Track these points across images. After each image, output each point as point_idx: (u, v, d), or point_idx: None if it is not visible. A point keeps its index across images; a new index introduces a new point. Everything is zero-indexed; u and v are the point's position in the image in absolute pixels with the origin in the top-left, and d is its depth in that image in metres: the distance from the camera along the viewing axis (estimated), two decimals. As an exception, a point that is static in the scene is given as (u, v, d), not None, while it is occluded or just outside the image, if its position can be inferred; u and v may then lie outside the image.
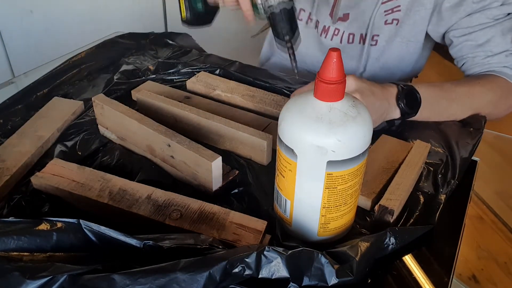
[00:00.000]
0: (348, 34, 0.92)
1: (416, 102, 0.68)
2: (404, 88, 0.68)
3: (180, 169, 0.59)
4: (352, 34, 0.91)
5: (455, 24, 0.79)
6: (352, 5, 0.89)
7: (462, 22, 0.78)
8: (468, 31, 0.77)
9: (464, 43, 0.79)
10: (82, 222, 0.44)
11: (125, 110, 0.63)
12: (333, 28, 0.93)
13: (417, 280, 0.48)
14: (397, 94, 0.67)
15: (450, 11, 0.79)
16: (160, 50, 0.97)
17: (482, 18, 0.76)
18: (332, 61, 0.42)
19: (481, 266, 1.35)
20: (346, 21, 0.91)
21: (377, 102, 0.63)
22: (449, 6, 0.78)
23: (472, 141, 0.68)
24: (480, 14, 0.76)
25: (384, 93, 0.67)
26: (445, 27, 0.81)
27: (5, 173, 0.57)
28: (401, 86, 0.68)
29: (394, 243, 0.49)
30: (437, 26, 0.83)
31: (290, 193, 0.48)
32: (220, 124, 0.64)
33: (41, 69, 0.87)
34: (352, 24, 0.90)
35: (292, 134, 0.45)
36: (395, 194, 0.54)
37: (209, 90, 0.79)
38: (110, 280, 0.39)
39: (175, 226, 0.49)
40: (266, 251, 0.43)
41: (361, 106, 0.45)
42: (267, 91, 0.80)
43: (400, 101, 0.67)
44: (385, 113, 0.67)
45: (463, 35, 0.78)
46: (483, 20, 0.76)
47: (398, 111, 0.68)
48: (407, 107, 0.67)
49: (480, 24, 0.76)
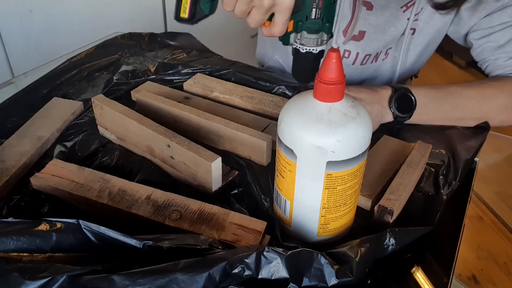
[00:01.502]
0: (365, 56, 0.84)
1: (410, 106, 0.66)
2: (397, 91, 0.66)
3: (179, 169, 0.59)
4: (368, 55, 0.84)
5: (475, 26, 0.76)
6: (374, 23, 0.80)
7: (481, 23, 0.74)
8: (488, 32, 0.74)
9: (485, 45, 0.75)
10: (82, 223, 0.44)
11: (124, 110, 0.63)
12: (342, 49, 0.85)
13: (416, 280, 0.48)
14: (390, 97, 0.66)
15: (470, 11, 0.75)
16: (160, 51, 0.97)
17: (503, 16, 0.72)
18: (331, 62, 0.42)
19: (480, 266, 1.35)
20: (360, 41, 0.82)
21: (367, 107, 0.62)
22: (469, 6, 0.74)
23: (476, 143, 0.67)
24: (500, 13, 0.72)
25: (374, 97, 0.65)
26: (466, 28, 0.77)
27: (5, 174, 0.57)
28: (395, 89, 0.66)
29: (394, 244, 0.49)
30: (457, 27, 0.79)
31: (289, 194, 0.48)
32: (219, 125, 0.64)
33: (41, 69, 0.87)
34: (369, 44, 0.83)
35: (292, 135, 0.45)
36: (395, 194, 0.54)
37: (206, 92, 0.79)
38: (109, 281, 0.39)
39: (175, 227, 0.49)
40: (266, 252, 0.43)
41: (360, 106, 0.45)
42: (267, 92, 0.80)
43: (392, 105, 0.66)
44: (378, 116, 0.66)
45: (483, 36, 0.75)
46: (504, 19, 0.72)
47: (391, 114, 0.66)
48: (399, 111, 0.66)
49: (501, 23, 0.72)
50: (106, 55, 0.93)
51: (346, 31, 0.81)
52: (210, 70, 0.87)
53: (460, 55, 2.65)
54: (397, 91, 0.66)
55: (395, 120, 0.67)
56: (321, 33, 0.54)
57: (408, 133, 0.70)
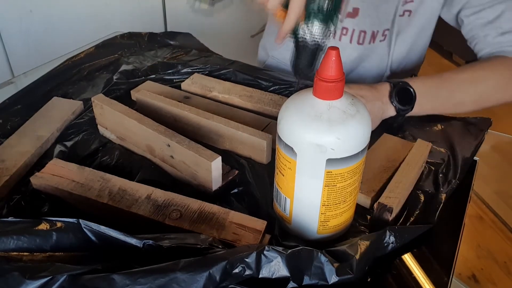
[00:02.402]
0: (360, 32, 0.86)
1: (410, 98, 0.67)
2: (396, 85, 0.67)
3: (179, 169, 0.59)
4: (363, 32, 0.86)
5: (466, 3, 0.76)
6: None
7: (473, 0, 0.75)
8: (478, 9, 0.75)
9: (475, 22, 0.76)
10: (82, 222, 0.44)
11: (124, 110, 0.63)
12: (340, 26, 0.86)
13: (416, 279, 0.48)
14: (389, 92, 0.67)
15: None
16: (159, 50, 0.97)
17: None
18: (331, 60, 0.42)
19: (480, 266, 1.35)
20: (356, 18, 0.84)
21: (368, 104, 0.63)
22: None
23: (475, 141, 0.67)
24: None
25: (374, 93, 0.66)
26: (457, 7, 0.78)
27: (5, 173, 0.57)
28: (393, 84, 0.67)
29: (393, 242, 0.49)
30: (450, 6, 0.80)
31: (289, 192, 0.48)
32: (219, 124, 0.64)
33: (41, 69, 0.87)
34: (363, 20, 0.84)
35: (292, 133, 0.45)
36: (394, 192, 0.54)
37: (205, 92, 0.79)
38: (110, 280, 0.39)
39: (175, 226, 0.49)
40: (266, 251, 0.43)
41: (360, 104, 0.45)
42: (267, 90, 0.80)
43: (393, 99, 0.66)
44: (380, 112, 0.66)
45: (473, 13, 0.76)
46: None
47: (393, 108, 0.67)
48: (401, 104, 0.67)
49: (491, 0, 0.73)
50: (106, 54, 0.93)
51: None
52: (210, 70, 0.87)
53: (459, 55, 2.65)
54: (396, 86, 0.67)
55: (398, 113, 0.68)
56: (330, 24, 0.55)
57: (408, 131, 0.70)
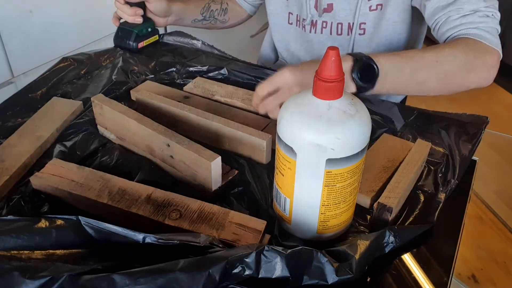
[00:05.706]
0: (337, 24, 0.90)
1: (372, 75, 0.63)
2: (359, 60, 0.63)
3: (179, 169, 0.59)
4: (340, 24, 0.90)
5: None
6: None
7: None
8: None
9: (437, 5, 0.75)
10: (81, 219, 0.44)
11: (124, 110, 0.63)
12: (321, 21, 0.91)
13: (416, 279, 0.48)
14: (351, 67, 0.62)
15: None
16: (159, 50, 0.97)
17: None
18: (330, 60, 0.42)
19: (480, 266, 1.35)
20: (331, 12, 0.89)
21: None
22: None
23: (473, 140, 0.67)
24: None
25: None
26: None
27: (4, 173, 0.57)
28: (357, 58, 0.63)
29: (393, 242, 0.49)
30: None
31: (289, 191, 0.48)
32: (219, 124, 0.64)
33: (40, 69, 0.87)
34: (338, 13, 0.89)
35: (291, 133, 0.45)
36: (394, 192, 0.54)
37: (207, 96, 0.79)
38: (110, 280, 0.39)
39: (175, 226, 0.49)
40: (266, 251, 0.43)
41: (359, 104, 0.45)
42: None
43: (354, 75, 0.62)
44: None
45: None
46: None
47: (354, 85, 0.63)
48: (362, 80, 0.62)
49: None
50: (105, 54, 0.93)
51: (316, 6, 0.90)
52: (209, 70, 0.87)
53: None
54: (359, 60, 0.63)
55: (358, 91, 0.64)
56: None
57: (407, 131, 0.70)
